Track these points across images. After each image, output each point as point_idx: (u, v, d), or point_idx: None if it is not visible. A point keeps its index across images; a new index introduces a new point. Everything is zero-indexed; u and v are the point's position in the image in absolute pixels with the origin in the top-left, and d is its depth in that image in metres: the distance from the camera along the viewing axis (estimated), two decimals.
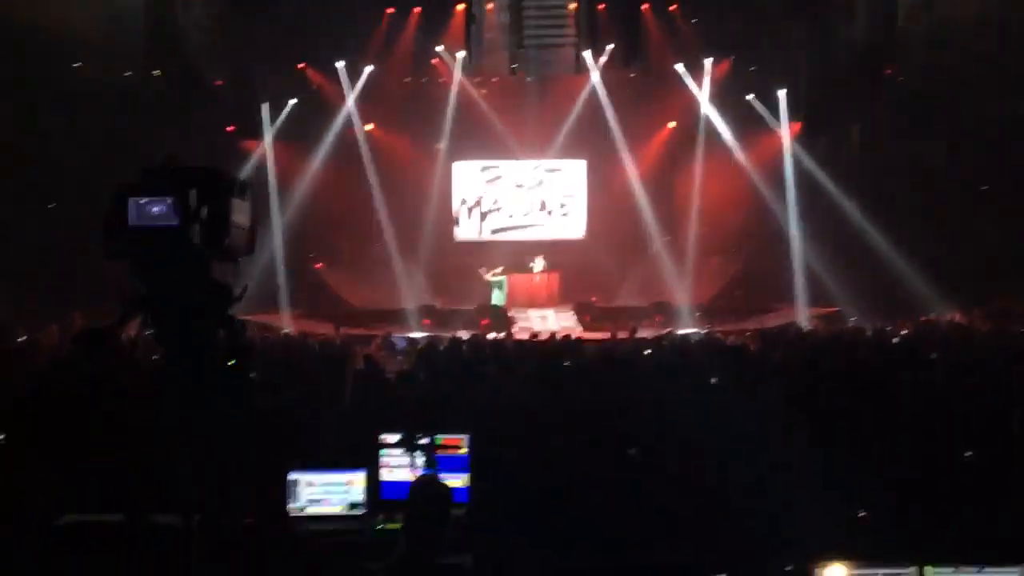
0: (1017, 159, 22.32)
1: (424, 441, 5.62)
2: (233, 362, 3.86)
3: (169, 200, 3.73)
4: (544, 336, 16.56)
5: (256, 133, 24.35)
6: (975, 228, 22.41)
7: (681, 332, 18.98)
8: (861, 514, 5.79)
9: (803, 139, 25.32)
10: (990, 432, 7.18)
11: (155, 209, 3.73)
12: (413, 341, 17.17)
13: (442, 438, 6.40)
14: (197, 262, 3.87)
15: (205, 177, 3.90)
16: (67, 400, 6.91)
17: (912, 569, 4.39)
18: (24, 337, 15.68)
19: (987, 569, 4.41)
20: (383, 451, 6.40)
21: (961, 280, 21.21)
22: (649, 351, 13.90)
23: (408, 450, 5.55)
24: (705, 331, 19.82)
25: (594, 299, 24.60)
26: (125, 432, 5.82)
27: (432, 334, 18.97)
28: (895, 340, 14.80)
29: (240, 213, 4.04)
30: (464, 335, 16.86)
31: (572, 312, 23.89)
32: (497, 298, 24.37)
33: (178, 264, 3.82)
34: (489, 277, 24.61)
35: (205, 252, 3.86)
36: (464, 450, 6.40)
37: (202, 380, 3.83)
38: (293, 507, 6.32)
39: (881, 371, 9.90)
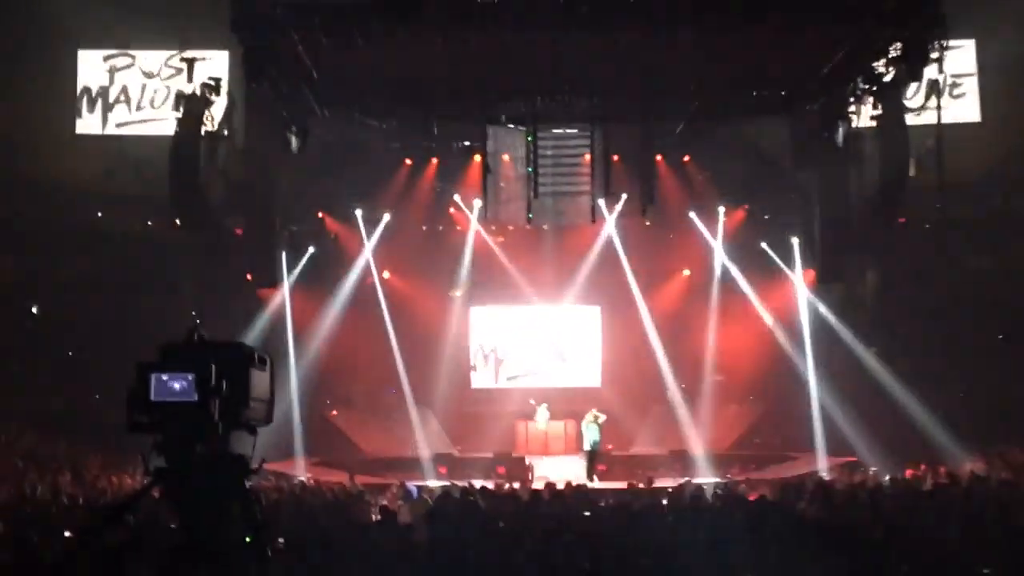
0: None
1: None
2: (250, 539, 3.87)
3: (190, 376, 3.81)
4: (560, 486, 16.36)
5: (273, 281, 24.50)
6: (991, 375, 22.42)
7: (699, 481, 18.77)
8: None
9: (817, 286, 25.35)
10: None
11: (176, 385, 3.80)
12: (430, 491, 16.98)
13: None
14: (216, 435, 3.93)
15: (225, 351, 4.00)
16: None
17: None
18: (37, 486, 15.66)
19: None
20: None
21: (976, 427, 21.06)
22: (667, 502, 13.80)
23: None
24: (724, 481, 19.62)
25: (610, 447, 24.35)
26: None
27: (448, 483, 18.79)
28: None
29: (259, 385, 4.12)
30: (480, 484, 16.69)
31: None
32: (590, 442, 22.87)
33: (197, 438, 3.88)
34: (586, 420, 23.23)
35: (224, 425, 3.93)
36: None
37: (219, 552, 3.84)
38: None
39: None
